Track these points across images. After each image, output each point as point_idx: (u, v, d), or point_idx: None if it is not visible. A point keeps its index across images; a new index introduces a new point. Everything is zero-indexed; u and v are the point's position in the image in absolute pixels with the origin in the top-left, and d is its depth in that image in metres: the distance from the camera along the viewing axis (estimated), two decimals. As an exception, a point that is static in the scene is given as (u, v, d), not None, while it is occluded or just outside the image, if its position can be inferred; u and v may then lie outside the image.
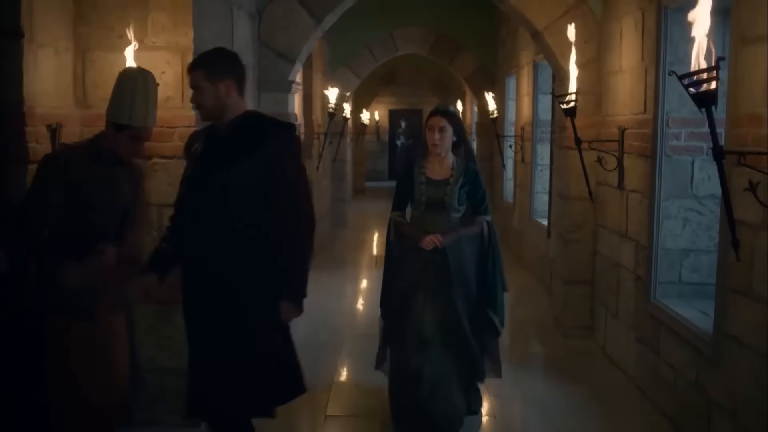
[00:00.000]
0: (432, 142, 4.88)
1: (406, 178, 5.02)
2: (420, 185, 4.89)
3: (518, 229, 11.62)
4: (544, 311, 8.41)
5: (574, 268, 7.36)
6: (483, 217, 4.98)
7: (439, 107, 5.03)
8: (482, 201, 4.97)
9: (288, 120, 6.97)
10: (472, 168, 4.93)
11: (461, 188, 4.84)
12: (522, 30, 11.08)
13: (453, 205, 4.82)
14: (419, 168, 4.96)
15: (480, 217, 4.96)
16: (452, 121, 4.86)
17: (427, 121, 4.98)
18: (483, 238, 4.97)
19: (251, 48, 6.85)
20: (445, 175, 4.88)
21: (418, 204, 4.94)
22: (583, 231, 7.27)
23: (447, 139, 4.83)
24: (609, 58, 6.82)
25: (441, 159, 4.88)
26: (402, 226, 5.05)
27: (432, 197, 4.87)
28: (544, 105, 10.31)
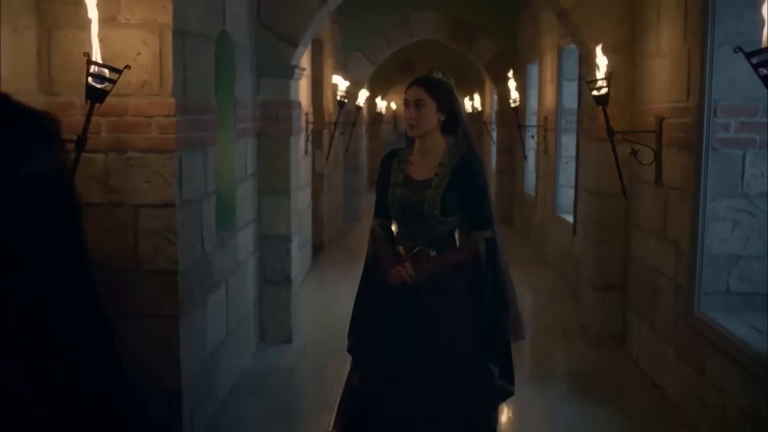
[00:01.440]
0: (406, 122, 3.78)
1: (383, 175, 3.90)
2: (395, 187, 3.78)
3: (541, 225, 10.95)
4: (569, 317, 7.75)
5: (604, 272, 6.71)
6: (481, 232, 3.70)
7: (418, 76, 3.89)
8: (480, 208, 3.71)
9: (288, 108, 6.35)
10: (466, 160, 3.71)
11: (447, 191, 3.66)
12: (545, 13, 10.43)
13: (434, 214, 3.66)
14: (400, 163, 3.84)
15: (477, 234, 3.71)
16: (435, 92, 3.70)
17: (406, 90, 3.82)
18: (479, 267, 3.70)
19: (248, 29, 6.22)
20: (430, 173, 3.73)
21: (393, 212, 3.83)
22: (615, 231, 6.61)
23: (426, 118, 3.68)
24: (645, 40, 6.14)
25: (426, 149, 3.75)
26: (377, 243, 3.92)
27: (408, 203, 3.73)
28: (569, 93, 9.63)
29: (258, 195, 6.62)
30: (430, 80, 3.77)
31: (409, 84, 3.83)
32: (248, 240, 6.31)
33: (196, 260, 4.80)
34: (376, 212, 4.00)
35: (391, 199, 3.81)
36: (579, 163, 8.52)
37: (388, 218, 3.92)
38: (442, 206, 3.68)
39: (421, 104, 3.70)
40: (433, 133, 3.77)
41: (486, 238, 3.74)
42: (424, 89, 3.72)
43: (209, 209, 5.09)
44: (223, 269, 5.50)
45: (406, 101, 3.76)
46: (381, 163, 3.99)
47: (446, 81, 3.82)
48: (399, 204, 3.77)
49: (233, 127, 5.75)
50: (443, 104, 3.74)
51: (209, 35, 5.06)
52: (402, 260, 3.76)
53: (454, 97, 3.83)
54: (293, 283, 6.81)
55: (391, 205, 3.82)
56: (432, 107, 3.71)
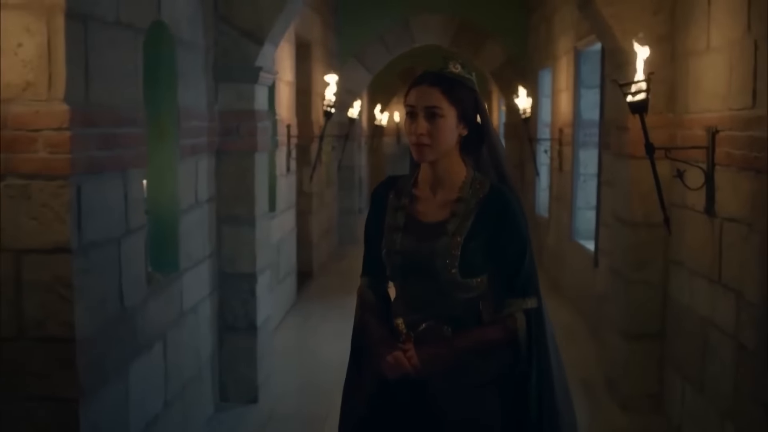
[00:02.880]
0: (412, 140, 2.57)
1: (374, 215, 2.74)
2: (392, 233, 2.63)
3: (555, 250, 9.75)
4: (592, 365, 6.54)
5: (637, 318, 5.51)
6: (519, 302, 2.57)
7: (426, 72, 2.63)
8: (518, 265, 2.57)
9: (252, 120, 5.19)
10: (497, 194, 2.56)
11: (470, 239, 2.53)
12: (559, 13, 9.28)
13: (450, 274, 2.52)
14: (399, 197, 2.67)
15: (513, 303, 2.57)
16: (455, 95, 2.54)
17: (405, 95, 2.62)
18: (516, 353, 2.58)
19: (201, 22, 5.06)
20: (444, 213, 2.59)
21: (390, 270, 2.66)
22: (651, 268, 5.42)
23: (443, 133, 2.53)
24: (690, 32, 4.96)
25: (439, 177, 2.61)
26: (366, 314, 2.75)
27: (412, 258, 2.58)
28: (589, 101, 8.45)
29: (217, 225, 5.45)
30: (447, 77, 2.58)
31: (414, 82, 2.61)
32: (201, 281, 5.13)
33: (109, 321, 3.63)
34: (364, 268, 2.82)
35: (386, 250, 2.64)
36: (602, 183, 7.32)
37: (383, 277, 2.74)
38: (462, 262, 2.54)
39: (436, 113, 2.52)
40: (450, 154, 2.60)
41: (527, 311, 2.58)
42: (440, 91, 2.54)
43: (135, 249, 3.92)
44: (159, 323, 4.33)
45: (411, 109, 2.56)
46: (372, 197, 2.80)
47: (468, 77, 2.62)
48: (398, 259, 2.60)
49: (176, 142, 4.58)
50: (466, 112, 2.59)
51: (133, 25, 3.90)
52: (402, 341, 2.60)
53: (480, 100, 2.64)
54: (260, 330, 5.62)
55: (386, 260, 2.65)
56: (451, 117, 2.55)
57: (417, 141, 2.54)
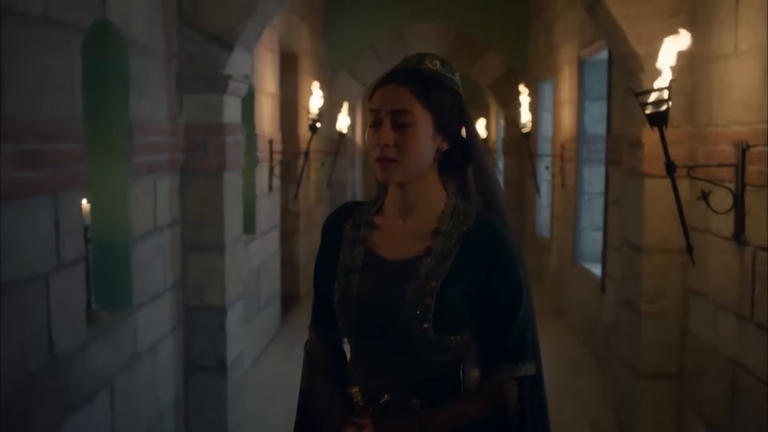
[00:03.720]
0: (375, 154, 1.97)
1: (325, 252, 2.15)
2: (347, 274, 2.04)
3: (557, 274, 9.15)
4: (600, 403, 5.94)
5: (652, 354, 4.91)
6: (511, 368, 2.01)
7: (398, 67, 2.03)
8: (511, 319, 2.00)
9: (220, 134, 4.62)
10: (485, 227, 2.00)
11: (450, 284, 1.95)
12: (561, 21, 8.73)
13: (422, 330, 1.93)
14: (357, 229, 2.08)
15: (503, 369, 2.00)
16: (432, 97, 1.96)
17: (369, 99, 2.02)
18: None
19: (161, 25, 4.49)
20: (416, 249, 2.00)
21: (344, 322, 2.05)
22: (668, 300, 4.82)
23: (415, 146, 1.95)
24: (713, 34, 4.39)
25: (410, 203, 2.02)
26: (314, 375, 2.16)
27: (374, 308, 1.98)
28: (594, 114, 7.87)
29: (182, 252, 4.86)
30: (420, 73, 1.98)
31: (381, 81, 2.02)
32: (161, 316, 4.53)
33: (33, 374, 3.03)
34: (313, 318, 2.23)
35: (339, 297, 2.03)
36: (609, 203, 6.74)
37: (331, 328, 2.14)
38: (438, 315, 1.94)
39: (406, 120, 1.94)
40: (424, 175, 2.02)
41: (521, 379, 2.01)
42: (411, 91, 1.95)
43: (70, 286, 3.33)
44: (104, 369, 3.74)
45: (375, 114, 1.97)
46: (323, 228, 2.19)
47: (450, 76, 2.02)
48: (355, 308, 2.00)
49: (128, 160, 4.00)
50: (446, 121, 2.00)
51: (67, 23, 3.32)
52: (358, 415, 2.00)
53: (465, 107, 2.05)
54: (231, 369, 5.02)
55: (339, 310, 2.04)
56: (425, 126, 1.96)
57: (381, 155, 1.95)
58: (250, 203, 6.78)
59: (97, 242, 3.88)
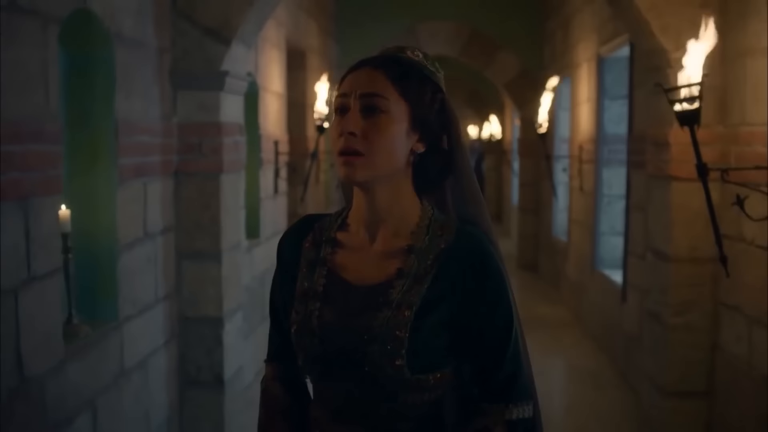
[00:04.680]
0: (339, 145, 1.63)
1: (282, 275, 1.81)
2: (306, 301, 1.70)
3: (575, 280, 8.80)
4: (625, 422, 5.60)
5: (679, 371, 4.59)
6: (500, 410, 1.67)
7: (373, 55, 1.70)
8: (501, 353, 1.67)
9: (217, 134, 4.33)
10: (468, 239, 1.67)
11: (429, 311, 1.62)
12: (579, 17, 8.39)
13: (394, 368, 1.59)
14: (318, 247, 1.75)
15: (490, 412, 1.67)
16: (409, 85, 1.65)
17: (338, 86, 1.68)
18: None
19: (153, 18, 4.20)
20: (386, 270, 1.67)
21: (304, 358, 1.70)
22: (697, 312, 4.50)
23: (387, 135, 1.61)
24: (747, 27, 4.06)
25: (379, 213, 1.68)
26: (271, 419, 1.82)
27: (337, 342, 1.65)
28: (613, 114, 7.54)
29: (176, 260, 4.56)
30: (397, 59, 1.67)
31: (355, 65, 1.69)
32: (153, 329, 4.24)
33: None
34: (270, 352, 1.88)
35: (296, 329, 1.70)
36: (631, 207, 6.40)
37: (296, 366, 1.77)
38: (413, 350, 1.60)
39: (378, 106, 1.61)
40: (396, 178, 1.67)
41: (513, 423, 1.67)
42: (386, 75, 1.63)
43: (44, 301, 3.04)
44: (85, 389, 3.44)
45: (342, 99, 1.65)
46: (278, 248, 1.84)
47: (432, 69, 1.71)
48: (315, 343, 1.67)
49: (113, 162, 3.70)
50: (423, 117, 1.67)
51: (41, 12, 3.02)
52: None
53: (446, 103, 1.71)
54: (228, 384, 4.72)
55: (296, 344, 1.70)
56: (399, 117, 1.64)
57: (345, 146, 1.61)
58: (254, 207, 6.47)
59: (80, 251, 3.58)
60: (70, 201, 3.41)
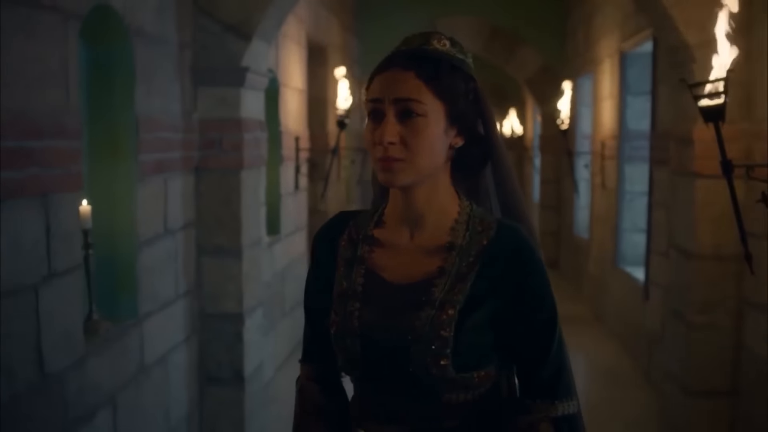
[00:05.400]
0: (377, 153, 1.59)
1: (317, 274, 1.77)
2: (345, 301, 1.66)
3: (596, 277, 8.74)
4: (648, 421, 5.55)
5: (703, 370, 4.54)
6: (545, 407, 1.63)
7: (400, 48, 1.63)
8: (546, 350, 1.64)
9: (238, 130, 4.32)
10: (510, 235, 1.64)
11: (473, 309, 1.58)
12: (601, 13, 8.34)
13: (443, 369, 1.55)
14: (354, 245, 1.72)
15: (535, 408, 1.64)
16: (443, 84, 1.58)
17: (366, 90, 1.63)
18: None
19: (174, 14, 4.20)
20: (427, 268, 1.63)
21: (344, 358, 1.66)
22: (721, 310, 4.45)
23: (427, 140, 1.57)
24: (774, 22, 4.02)
25: (416, 212, 1.64)
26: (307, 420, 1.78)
27: (378, 342, 1.61)
28: (636, 110, 7.48)
29: (196, 256, 4.56)
30: (429, 56, 1.61)
31: (380, 66, 1.62)
32: (173, 325, 4.24)
33: (19, 396, 2.74)
34: (306, 352, 1.85)
35: (336, 330, 1.66)
36: (654, 204, 6.34)
37: (326, 362, 1.76)
38: (458, 349, 1.57)
39: (414, 110, 1.57)
40: (435, 177, 1.64)
41: (557, 419, 1.64)
42: (418, 76, 1.57)
43: (64, 297, 3.04)
44: (105, 385, 3.44)
45: (375, 105, 1.59)
46: (313, 246, 1.82)
47: (462, 57, 1.66)
48: (355, 344, 1.63)
49: (133, 158, 3.70)
50: (460, 112, 1.62)
51: (62, 8, 3.02)
52: None
53: (480, 93, 1.67)
54: (249, 381, 4.71)
55: (336, 345, 1.68)
56: (437, 118, 1.59)
57: (384, 155, 1.57)
58: (275, 203, 6.48)
59: (100, 247, 3.58)
60: (90, 197, 3.41)
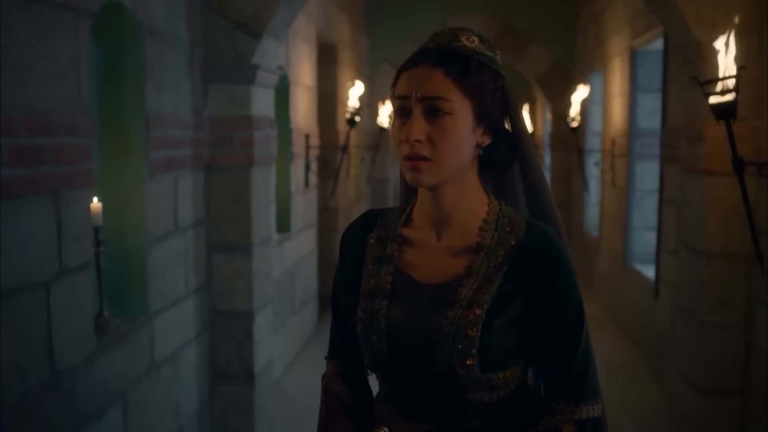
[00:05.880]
0: (404, 151, 1.58)
1: (346, 271, 1.78)
2: (372, 299, 1.67)
3: (607, 276, 8.73)
4: (659, 419, 5.54)
5: (713, 368, 4.54)
6: (570, 409, 1.63)
7: (428, 44, 1.62)
8: (572, 353, 1.63)
9: (248, 128, 4.33)
10: (539, 236, 1.63)
11: (501, 310, 1.58)
12: (611, 10, 8.32)
13: (469, 369, 1.56)
14: (384, 244, 1.72)
15: (560, 410, 1.64)
16: (472, 82, 1.58)
17: (393, 87, 1.63)
18: None
19: (185, 11, 4.20)
20: (455, 268, 1.64)
21: (371, 356, 1.67)
22: (731, 309, 4.44)
23: (455, 139, 1.57)
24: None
25: (445, 211, 1.65)
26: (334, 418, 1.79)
27: (405, 341, 1.62)
28: (646, 108, 7.46)
29: (207, 254, 4.57)
30: (457, 53, 1.60)
31: (408, 63, 1.62)
32: (183, 322, 4.25)
33: (30, 393, 2.75)
34: (332, 348, 1.86)
35: (363, 328, 1.67)
36: (664, 202, 6.33)
37: (353, 360, 1.78)
38: (484, 349, 1.57)
39: (442, 108, 1.56)
40: (463, 176, 1.65)
41: (582, 422, 1.63)
42: (446, 73, 1.57)
43: (75, 294, 3.05)
44: (116, 382, 3.46)
45: (402, 103, 1.59)
46: (342, 243, 1.82)
47: (490, 54, 1.65)
48: (382, 342, 1.64)
49: (144, 156, 3.71)
50: (488, 110, 1.62)
51: (73, 5, 3.03)
52: None
53: (508, 91, 1.66)
54: (258, 378, 4.73)
55: (363, 342, 1.68)
56: (465, 116, 1.59)
57: (411, 153, 1.57)
58: (285, 200, 6.49)
59: (110, 245, 3.59)
60: (100, 194, 3.42)
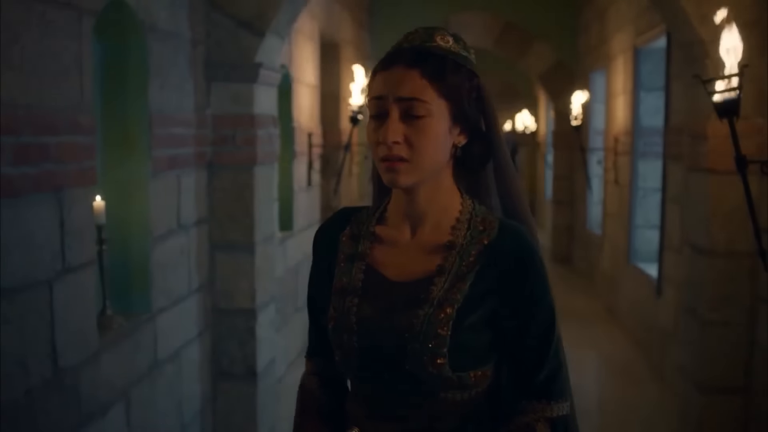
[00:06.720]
0: (380, 152, 1.58)
1: (320, 270, 1.78)
2: (343, 297, 1.67)
3: (609, 274, 8.73)
4: (660, 418, 5.54)
5: (716, 367, 4.52)
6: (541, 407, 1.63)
7: (401, 45, 1.62)
8: (543, 352, 1.63)
9: (251, 126, 4.33)
10: (511, 235, 1.62)
11: (471, 309, 1.58)
12: (614, 8, 8.31)
13: (440, 368, 1.56)
14: (356, 242, 1.72)
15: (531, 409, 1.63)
16: (447, 82, 1.57)
17: (369, 85, 1.65)
18: None
19: (188, 9, 4.20)
20: (426, 266, 1.63)
21: (341, 355, 1.66)
22: (735, 307, 4.43)
23: (432, 141, 1.56)
24: (788, 17, 3.99)
25: (419, 210, 1.65)
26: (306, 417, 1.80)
27: (376, 339, 1.61)
28: (649, 106, 7.46)
29: (209, 252, 4.57)
30: (433, 53, 1.59)
31: (382, 63, 1.61)
32: (186, 320, 4.25)
33: (32, 391, 2.75)
34: (310, 347, 1.86)
35: (333, 326, 1.66)
36: (667, 200, 6.32)
37: (335, 362, 1.74)
38: (455, 348, 1.57)
39: (419, 111, 1.56)
40: (438, 176, 1.64)
41: (552, 420, 1.63)
42: (422, 74, 1.56)
43: (78, 292, 3.05)
44: (119, 381, 3.45)
45: (378, 104, 1.59)
46: (314, 242, 1.81)
47: (465, 54, 1.65)
48: (353, 340, 1.63)
49: (147, 154, 3.71)
50: (465, 110, 1.61)
51: (76, 4, 3.03)
52: None
53: (483, 90, 1.65)
54: (261, 376, 4.73)
55: (333, 341, 1.67)
56: (441, 117, 1.58)
57: (388, 154, 1.56)
58: (287, 199, 6.49)
59: (113, 243, 3.60)
60: (103, 193, 3.43)
